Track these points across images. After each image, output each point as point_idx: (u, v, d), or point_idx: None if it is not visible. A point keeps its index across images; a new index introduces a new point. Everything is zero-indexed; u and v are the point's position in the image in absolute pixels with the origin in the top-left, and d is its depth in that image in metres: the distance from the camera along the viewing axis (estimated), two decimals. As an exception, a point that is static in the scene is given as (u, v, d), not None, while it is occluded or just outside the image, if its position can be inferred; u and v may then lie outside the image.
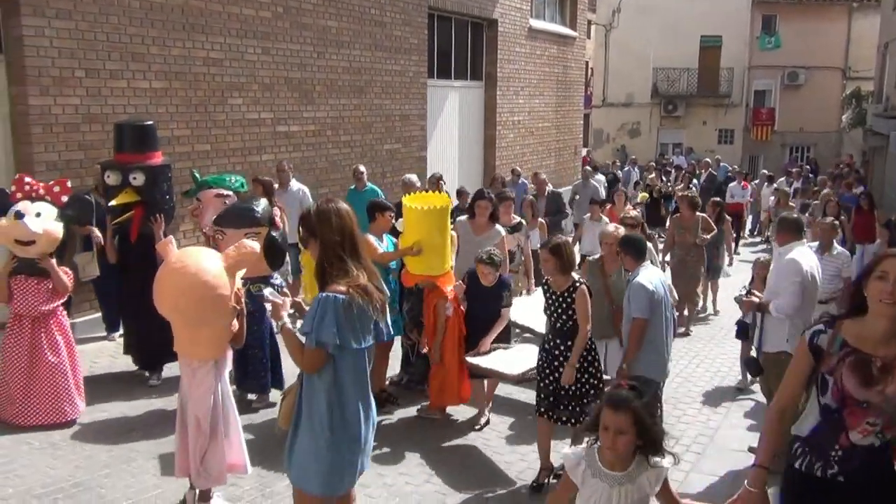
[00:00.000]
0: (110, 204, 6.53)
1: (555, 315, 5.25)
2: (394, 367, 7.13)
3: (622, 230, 6.41)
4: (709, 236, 9.56)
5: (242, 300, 4.37)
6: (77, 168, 7.83)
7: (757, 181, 19.92)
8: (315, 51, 10.97)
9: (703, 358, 8.44)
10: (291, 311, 3.66)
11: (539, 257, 5.92)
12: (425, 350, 6.46)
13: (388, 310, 6.45)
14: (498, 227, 7.37)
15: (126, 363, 7.12)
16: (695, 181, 18.73)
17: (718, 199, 11.33)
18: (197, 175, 7.10)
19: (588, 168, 15.49)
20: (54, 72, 7.67)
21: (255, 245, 4.33)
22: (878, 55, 26.05)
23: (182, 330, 4.31)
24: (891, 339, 2.84)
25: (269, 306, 3.78)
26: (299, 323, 3.59)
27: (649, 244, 6.88)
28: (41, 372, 5.74)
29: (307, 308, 3.74)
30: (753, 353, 6.13)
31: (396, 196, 10.06)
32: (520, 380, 5.86)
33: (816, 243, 7.60)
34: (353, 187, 10.38)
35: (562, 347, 5.20)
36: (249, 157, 9.98)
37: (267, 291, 3.86)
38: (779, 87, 32.92)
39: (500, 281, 6.21)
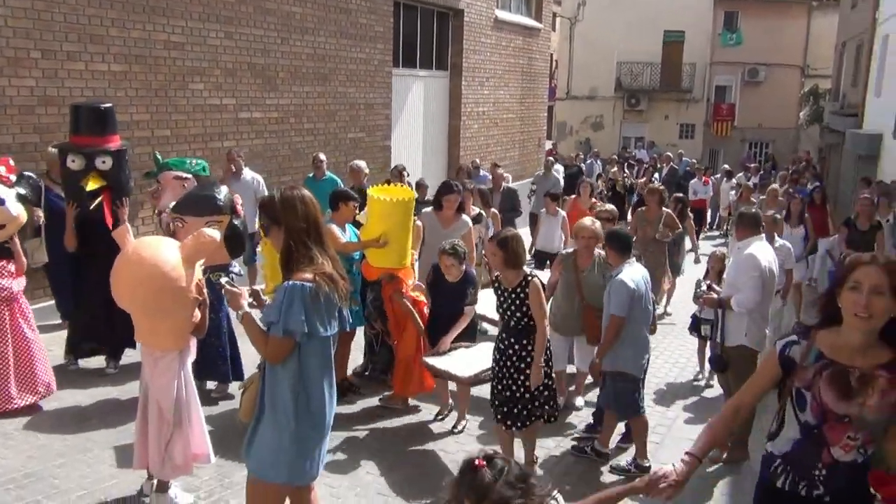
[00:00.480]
0: (88, 189, 6.34)
1: (508, 312, 5.04)
2: (357, 357, 7.11)
3: (598, 225, 6.24)
4: (670, 232, 9.37)
5: (204, 290, 4.31)
6: (32, 151, 7.64)
7: (717, 176, 20.12)
8: (279, 36, 10.83)
9: (662, 351, 8.53)
10: (250, 300, 3.61)
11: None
12: (393, 342, 6.37)
13: (350, 299, 6.47)
14: (465, 217, 7.27)
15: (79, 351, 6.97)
16: (656, 175, 18.86)
17: (681, 195, 11.20)
18: (158, 157, 6.95)
19: (549, 159, 15.19)
20: (9, 52, 7.46)
21: (214, 234, 4.25)
22: (835, 54, 26.58)
23: (142, 320, 4.24)
24: (868, 349, 2.75)
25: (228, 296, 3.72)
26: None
27: None
28: (21, 353, 5.76)
29: (265, 298, 3.70)
30: (715, 349, 6.16)
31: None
32: (473, 382, 5.63)
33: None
34: (311, 175, 10.22)
35: (516, 346, 5.01)
36: (211, 144, 9.83)
37: (224, 280, 3.78)
38: (739, 84, 33.43)
39: (465, 277, 6.00)
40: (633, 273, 5.42)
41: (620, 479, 5.31)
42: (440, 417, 6.25)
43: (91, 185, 6.31)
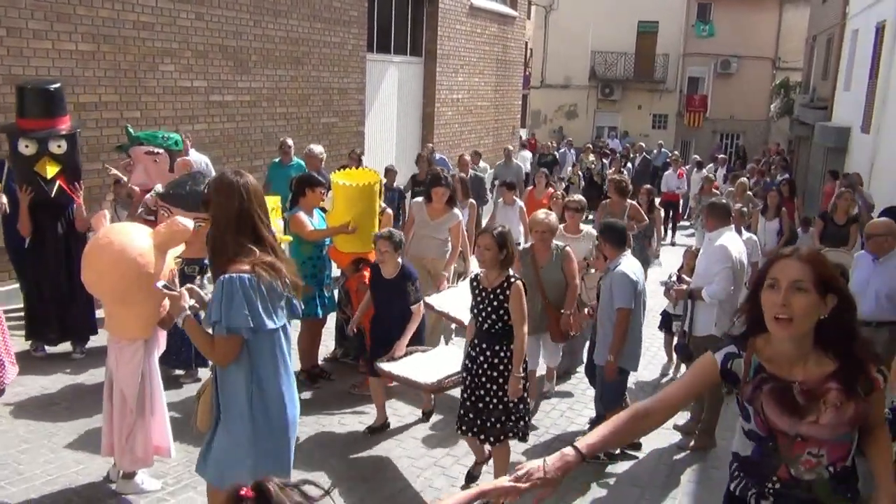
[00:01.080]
0: (48, 176, 6.19)
1: (483, 315, 4.60)
2: (329, 343, 7.08)
3: (553, 217, 6.03)
4: (635, 225, 8.71)
5: (176, 280, 4.20)
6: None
7: (687, 167, 20.02)
8: (251, 18, 10.68)
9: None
10: (191, 301, 3.35)
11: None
12: (353, 331, 6.05)
13: (323, 286, 6.37)
14: (455, 210, 6.94)
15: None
16: (628, 165, 18.69)
17: (651, 186, 10.93)
18: (130, 130, 6.77)
19: (509, 147, 14.81)
20: (-28, 29, 7.29)
21: (188, 223, 4.16)
22: (806, 47, 26.85)
23: (109, 306, 4.18)
24: (808, 359, 2.43)
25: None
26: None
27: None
28: None
29: (207, 295, 3.45)
30: (682, 338, 6.15)
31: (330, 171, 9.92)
32: (436, 389, 5.15)
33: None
34: (277, 160, 10.02)
35: (488, 353, 4.58)
36: (182, 126, 9.66)
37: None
38: (712, 75, 33.69)
39: (402, 272, 5.50)
40: (633, 265, 5.32)
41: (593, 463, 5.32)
42: (424, 417, 6.04)
43: (50, 172, 6.17)
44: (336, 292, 6.77)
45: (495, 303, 4.55)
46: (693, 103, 33.75)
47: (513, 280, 4.54)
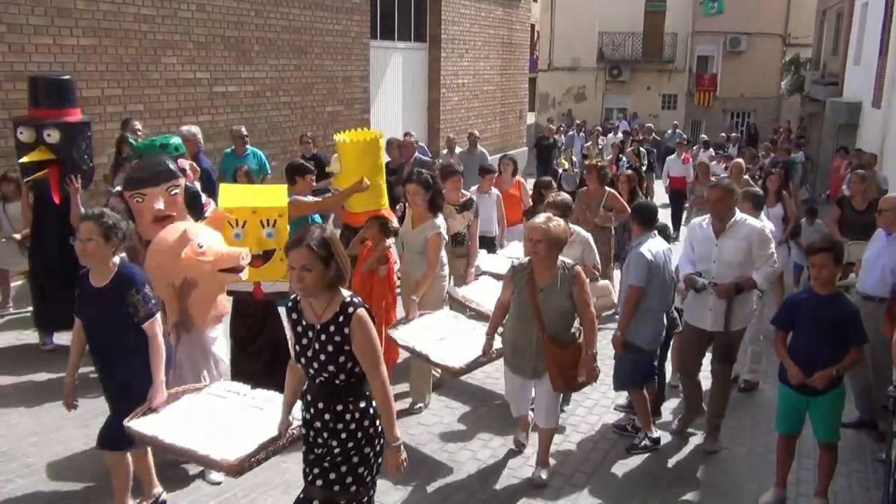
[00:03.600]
0: (20, 161, 6.26)
1: (311, 362, 3.26)
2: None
3: (556, 224, 4.59)
4: (612, 216, 7.97)
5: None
6: (0, 128, 7.51)
7: (695, 147, 19.31)
8: (252, 8, 10.67)
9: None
10: None
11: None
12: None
13: None
14: (437, 221, 5.79)
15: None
16: (642, 149, 16.74)
17: (631, 172, 9.69)
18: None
19: (475, 133, 12.82)
20: (-27, 26, 7.32)
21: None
22: (816, 22, 26.52)
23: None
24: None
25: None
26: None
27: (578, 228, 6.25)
28: None
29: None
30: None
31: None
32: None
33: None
34: (230, 150, 9.56)
35: (327, 417, 3.28)
36: (185, 118, 9.69)
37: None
38: (721, 53, 33.29)
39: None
40: (654, 245, 5.26)
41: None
42: (417, 409, 5.87)
43: (30, 158, 6.21)
44: None
45: (329, 346, 3.18)
46: (703, 82, 33.40)
47: (352, 311, 3.19)
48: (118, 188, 5.68)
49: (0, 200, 7.15)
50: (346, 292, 3.28)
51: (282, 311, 5.35)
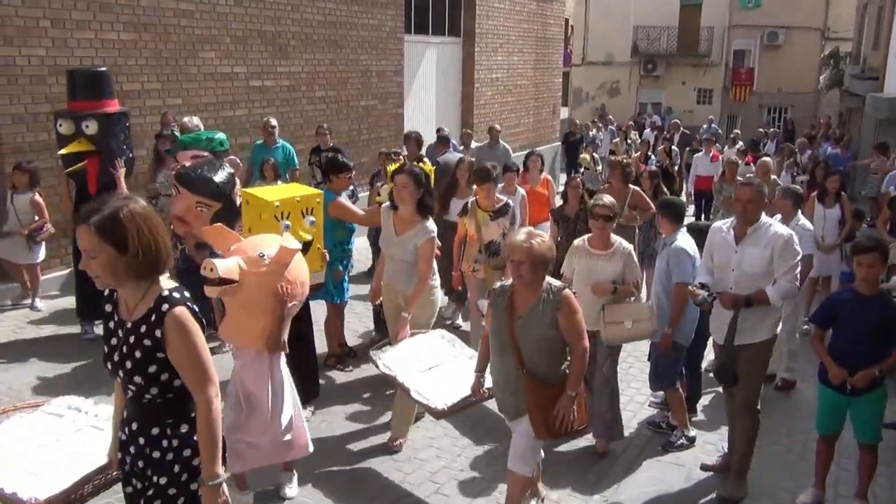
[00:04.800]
0: (59, 153, 6.40)
1: (122, 370, 2.66)
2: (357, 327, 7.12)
3: (541, 241, 3.83)
4: (638, 215, 7.73)
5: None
6: (44, 121, 7.65)
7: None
8: (289, 3, 10.74)
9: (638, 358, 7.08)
10: None
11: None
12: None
13: (346, 272, 6.30)
14: (428, 224, 5.14)
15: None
16: (674, 147, 16.13)
17: (655, 169, 9.18)
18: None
19: (496, 127, 12.32)
20: (18, 21, 7.46)
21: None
22: (856, 15, 26.05)
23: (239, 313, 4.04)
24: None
25: None
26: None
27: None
28: None
29: None
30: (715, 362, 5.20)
31: (363, 155, 9.93)
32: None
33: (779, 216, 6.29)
34: (261, 142, 9.47)
35: (141, 441, 2.70)
36: (222, 112, 9.81)
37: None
38: (758, 47, 32.84)
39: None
40: (688, 240, 5.27)
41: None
42: (396, 446, 5.19)
43: (69, 149, 6.34)
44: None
45: (137, 351, 2.59)
46: (739, 77, 32.97)
47: (166, 308, 2.57)
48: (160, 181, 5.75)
49: (10, 190, 7.23)
50: (166, 283, 2.63)
51: (314, 305, 5.42)
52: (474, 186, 6.90)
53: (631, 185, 7.86)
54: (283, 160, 9.06)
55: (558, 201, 8.17)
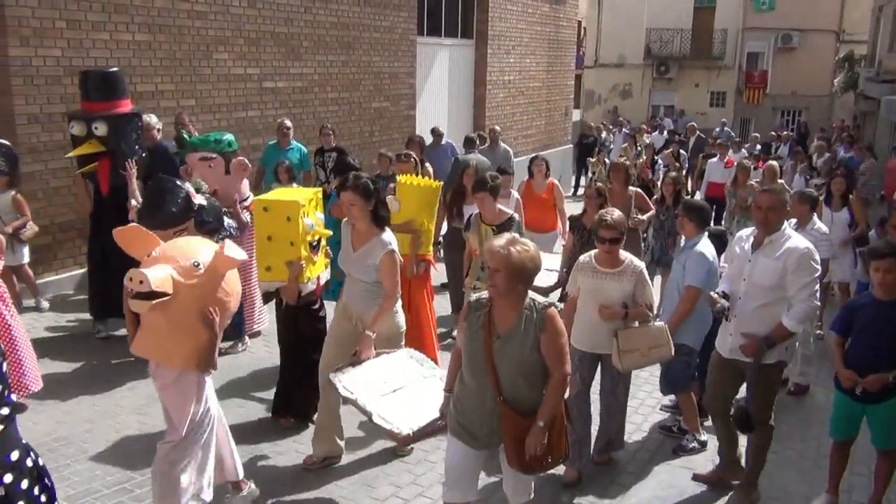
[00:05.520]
0: (67, 155, 6.44)
1: None
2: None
3: (524, 248, 3.38)
4: (645, 217, 7.56)
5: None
6: (59, 122, 7.70)
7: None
8: (302, 5, 10.77)
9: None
10: None
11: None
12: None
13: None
14: (385, 236, 4.64)
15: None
16: (682, 151, 16.10)
17: (675, 174, 8.67)
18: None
19: (496, 128, 12.06)
20: (34, 22, 7.51)
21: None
22: (872, 18, 25.89)
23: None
24: None
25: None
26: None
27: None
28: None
29: None
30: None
31: (375, 156, 9.90)
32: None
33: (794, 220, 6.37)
34: (274, 142, 9.37)
35: None
36: (235, 114, 9.85)
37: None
38: (772, 50, 32.68)
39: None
40: (708, 246, 5.21)
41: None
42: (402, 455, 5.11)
43: (78, 152, 6.38)
44: None
45: None
46: (752, 80, 32.82)
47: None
48: None
49: None
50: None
51: (330, 305, 5.42)
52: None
53: (630, 188, 7.73)
54: (297, 162, 9.04)
55: (569, 207, 8.01)
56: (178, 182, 4.93)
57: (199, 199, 4.92)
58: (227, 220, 5.68)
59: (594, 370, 4.97)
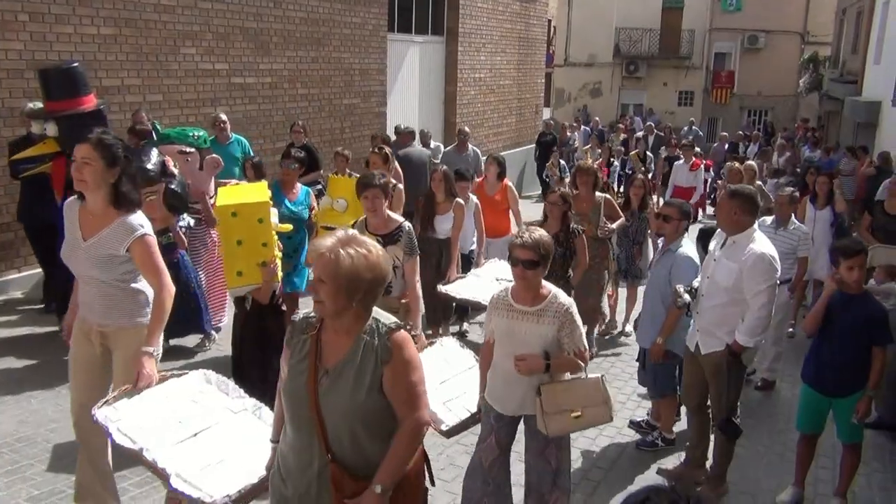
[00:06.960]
0: (11, 158, 6.31)
1: None
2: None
3: (355, 249, 2.51)
4: (614, 225, 7.11)
5: None
6: (21, 117, 7.54)
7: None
8: (271, 0, 10.67)
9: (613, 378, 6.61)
10: None
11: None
12: None
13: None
14: (130, 219, 3.61)
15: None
16: (649, 153, 15.46)
17: (643, 177, 8.44)
18: (158, 126, 6.80)
19: (465, 129, 11.45)
20: (-5, 14, 7.36)
21: None
22: (835, 20, 26.32)
23: None
24: None
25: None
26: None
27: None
28: None
29: None
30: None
31: (355, 152, 9.89)
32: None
33: (772, 218, 6.72)
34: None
35: None
36: (203, 109, 9.72)
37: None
38: (739, 51, 33.10)
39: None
40: (692, 249, 5.20)
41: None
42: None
43: (26, 153, 6.28)
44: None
45: None
46: (720, 79, 33.23)
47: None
48: None
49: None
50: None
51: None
52: (457, 199, 6.73)
53: (599, 194, 7.19)
54: (241, 156, 8.46)
55: (527, 208, 7.74)
56: (159, 153, 5.10)
57: (174, 171, 5.05)
58: (187, 217, 5.82)
59: (514, 432, 3.92)
